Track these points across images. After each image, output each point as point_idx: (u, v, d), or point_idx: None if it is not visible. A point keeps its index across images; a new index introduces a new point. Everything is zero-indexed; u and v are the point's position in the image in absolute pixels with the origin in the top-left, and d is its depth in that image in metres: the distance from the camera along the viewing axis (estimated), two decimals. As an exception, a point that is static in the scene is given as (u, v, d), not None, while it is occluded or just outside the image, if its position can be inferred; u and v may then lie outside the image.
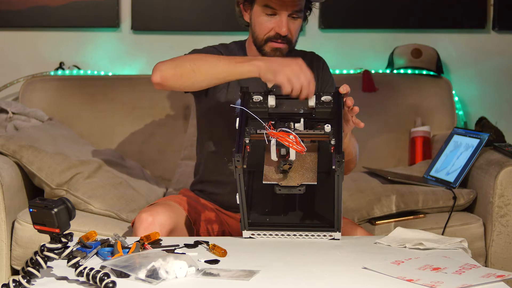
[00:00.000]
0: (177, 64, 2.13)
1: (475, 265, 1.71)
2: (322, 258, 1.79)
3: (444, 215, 2.62)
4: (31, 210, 1.55)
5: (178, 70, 2.12)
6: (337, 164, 1.79)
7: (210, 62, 2.09)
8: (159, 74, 2.13)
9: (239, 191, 1.90)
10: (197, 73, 2.09)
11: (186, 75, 2.10)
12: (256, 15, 2.25)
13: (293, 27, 2.24)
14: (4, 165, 2.57)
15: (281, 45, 2.24)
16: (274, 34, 2.23)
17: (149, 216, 2.10)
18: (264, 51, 2.26)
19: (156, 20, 3.43)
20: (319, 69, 2.42)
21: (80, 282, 1.59)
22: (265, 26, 2.23)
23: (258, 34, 2.26)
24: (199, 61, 2.11)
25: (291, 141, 1.83)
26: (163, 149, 3.14)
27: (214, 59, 2.10)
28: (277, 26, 2.22)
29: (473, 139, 2.76)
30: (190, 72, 2.10)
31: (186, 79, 2.11)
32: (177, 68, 2.12)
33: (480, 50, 3.52)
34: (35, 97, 3.17)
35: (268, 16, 2.22)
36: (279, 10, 2.20)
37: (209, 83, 2.11)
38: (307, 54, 2.44)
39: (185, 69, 2.10)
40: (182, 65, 2.12)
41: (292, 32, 2.24)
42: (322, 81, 2.41)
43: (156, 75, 2.14)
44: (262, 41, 2.25)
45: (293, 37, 2.26)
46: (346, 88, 1.99)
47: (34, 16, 3.38)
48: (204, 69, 2.09)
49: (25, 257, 2.47)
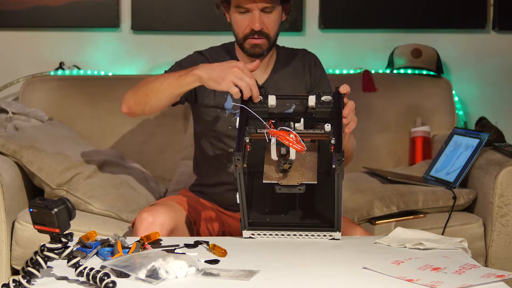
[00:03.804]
0: (135, 92, 2.23)
1: (475, 265, 1.71)
2: (322, 258, 1.79)
3: (444, 215, 2.62)
4: (31, 210, 1.55)
5: (136, 97, 2.22)
6: (337, 163, 1.79)
7: (158, 82, 2.16)
8: (124, 105, 2.26)
9: (239, 190, 1.90)
10: (150, 96, 2.17)
11: (143, 100, 2.19)
12: (233, 16, 2.32)
13: (268, 21, 2.28)
14: (4, 165, 2.57)
15: (258, 41, 2.29)
16: (250, 30, 2.28)
17: (150, 216, 2.10)
18: (245, 48, 2.32)
19: (156, 20, 3.43)
20: (311, 65, 2.44)
21: (80, 282, 1.59)
22: (241, 24, 2.29)
23: (237, 33, 2.33)
24: (149, 84, 2.19)
25: (291, 140, 1.83)
26: (163, 149, 3.14)
27: (162, 78, 2.17)
28: (250, 22, 2.27)
29: (473, 139, 2.76)
30: (145, 96, 2.19)
31: (144, 104, 2.20)
32: (135, 95, 2.22)
33: (480, 50, 3.52)
34: (35, 97, 3.17)
35: (242, 14, 2.28)
36: (250, 7, 2.26)
37: (166, 101, 2.18)
38: (298, 51, 2.47)
39: (140, 95, 2.20)
40: (138, 92, 2.22)
41: (268, 27, 2.29)
42: (314, 76, 2.43)
43: (123, 106, 2.27)
44: (241, 39, 2.31)
45: (271, 31, 2.30)
46: (346, 88, 2.00)
47: (34, 16, 3.38)
48: (154, 90, 2.16)
49: (25, 257, 2.47)
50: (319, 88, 2.43)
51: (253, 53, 2.31)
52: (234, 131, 2.33)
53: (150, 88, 2.17)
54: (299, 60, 2.44)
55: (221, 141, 2.36)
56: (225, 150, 2.36)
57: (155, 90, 2.16)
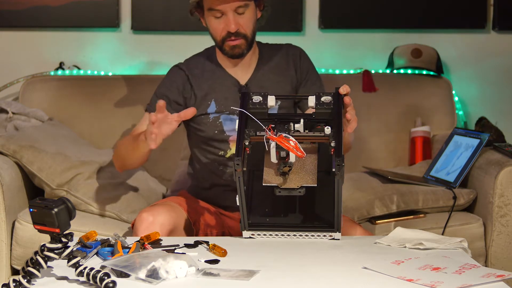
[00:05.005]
0: (116, 157, 2.38)
1: (475, 265, 1.71)
2: (322, 258, 1.79)
3: (444, 215, 2.62)
4: (32, 210, 1.55)
5: (119, 161, 2.37)
6: (337, 168, 1.79)
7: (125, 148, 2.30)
8: (117, 166, 2.41)
9: (239, 193, 1.90)
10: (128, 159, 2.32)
11: (126, 163, 2.33)
12: (208, 20, 2.33)
13: (243, 21, 2.29)
14: (4, 165, 2.57)
15: (236, 42, 2.30)
16: (226, 33, 2.29)
17: (150, 215, 2.11)
18: (225, 51, 2.33)
19: (156, 20, 3.43)
20: (296, 59, 2.44)
21: (80, 282, 1.59)
22: (216, 27, 2.31)
23: (215, 37, 2.34)
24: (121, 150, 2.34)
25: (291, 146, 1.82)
26: (163, 149, 3.14)
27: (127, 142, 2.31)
28: (225, 25, 2.28)
29: (473, 139, 2.76)
30: (123, 161, 2.34)
31: (129, 165, 2.35)
32: (118, 160, 2.38)
33: (480, 50, 3.52)
34: (35, 97, 3.17)
35: (217, 18, 2.29)
36: (223, 9, 2.26)
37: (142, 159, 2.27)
38: (282, 46, 2.48)
39: (121, 159, 2.35)
40: (118, 157, 2.37)
41: (244, 26, 2.29)
42: (301, 70, 2.43)
43: (117, 168, 2.42)
44: (220, 42, 2.33)
45: (247, 31, 2.30)
46: (346, 88, 1.99)
47: (34, 16, 3.38)
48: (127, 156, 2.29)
49: (25, 257, 2.47)
50: (308, 81, 2.42)
51: (233, 54, 2.32)
52: (221, 134, 2.35)
53: (122, 155, 2.33)
54: (282, 56, 2.44)
55: (211, 145, 2.38)
56: (215, 153, 2.38)
57: (127, 155, 2.29)
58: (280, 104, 2.37)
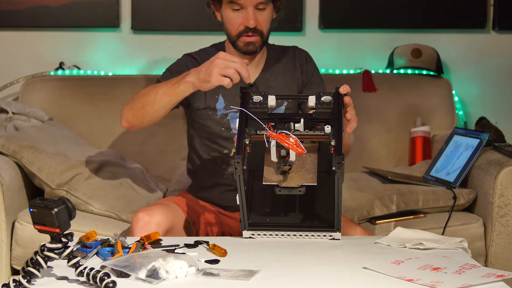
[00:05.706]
0: (131, 106, 2.23)
1: (475, 265, 1.71)
2: (322, 258, 1.79)
3: (444, 215, 2.62)
4: (31, 210, 1.55)
5: (133, 111, 2.22)
6: (337, 166, 1.79)
7: (153, 93, 2.16)
8: (123, 119, 2.26)
9: (239, 192, 1.90)
10: (147, 108, 2.18)
11: (140, 113, 2.20)
12: (225, 13, 2.31)
13: (262, 18, 2.28)
14: (4, 165, 2.57)
15: (252, 38, 2.29)
16: (244, 28, 2.28)
17: (146, 215, 2.10)
18: (238, 46, 2.32)
19: (156, 20, 3.43)
20: (302, 61, 2.45)
21: (80, 282, 1.59)
22: (234, 21, 2.29)
23: (230, 31, 2.32)
24: (144, 96, 2.19)
25: (291, 143, 1.82)
26: (163, 149, 3.15)
27: (156, 88, 2.17)
28: (244, 19, 2.27)
29: (473, 139, 2.76)
30: (142, 109, 2.19)
31: (142, 116, 2.20)
32: (132, 109, 2.22)
33: (480, 50, 3.52)
34: (35, 97, 3.17)
35: (236, 12, 2.28)
36: (244, 3, 2.25)
37: (163, 111, 2.18)
38: (289, 48, 2.48)
39: (137, 108, 2.20)
40: (134, 106, 2.22)
41: (262, 24, 2.29)
42: (306, 73, 2.43)
43: (122, 121, 2.27)
44: (235, 37, 2.31)
45: (264, 28, 2.30)
46: (346, 88, 1.99)
47: (34, 16, 3.38)
48: (150, 102, 2.16)
49: (25, 257, 2.47)
50: (313, 84, 2.43)
51: (246, 51, 2.31)
52: (227, 132, 2.34)
53: (146, 100, 2.18)
54: (289, 57, 2.44)
55: (215, 142, 2.37)
56: (219, 151, 2.37)
57: (151, 102, 2.16)
58: (287, 106, 2.37)
